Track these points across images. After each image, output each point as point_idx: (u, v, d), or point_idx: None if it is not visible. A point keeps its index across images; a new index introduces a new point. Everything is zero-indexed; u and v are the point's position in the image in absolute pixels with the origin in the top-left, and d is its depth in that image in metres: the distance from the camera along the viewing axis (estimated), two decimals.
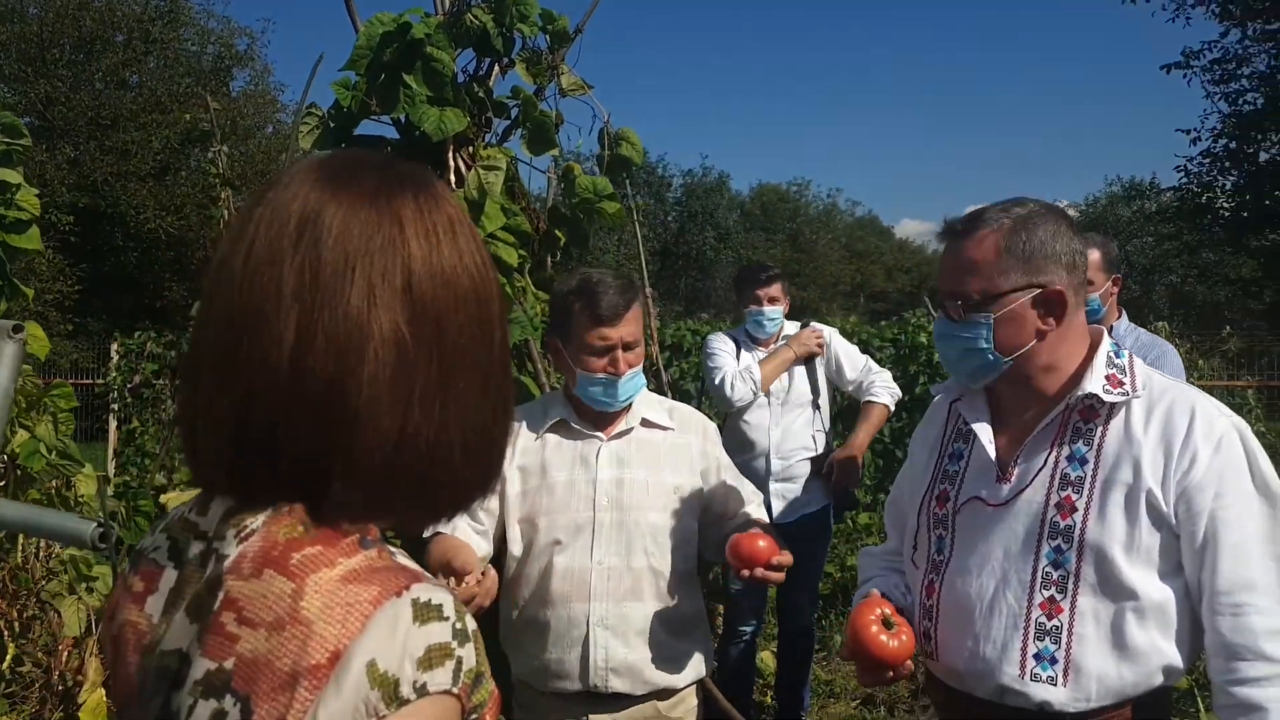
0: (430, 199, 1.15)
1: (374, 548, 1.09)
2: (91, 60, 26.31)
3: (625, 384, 2.88)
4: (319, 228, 1.09)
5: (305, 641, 0.99)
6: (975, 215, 2.14)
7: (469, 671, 1.06)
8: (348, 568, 1.05)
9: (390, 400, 1.07)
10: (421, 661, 1.01)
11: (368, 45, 3.41)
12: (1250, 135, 25.40)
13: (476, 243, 1.18)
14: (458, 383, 1.12)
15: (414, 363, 1.08)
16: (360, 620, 1.00)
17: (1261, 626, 1.93)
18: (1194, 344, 15.19)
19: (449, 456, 1.12)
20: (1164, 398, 2.08)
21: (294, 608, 1.01)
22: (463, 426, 1.12)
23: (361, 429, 1.06)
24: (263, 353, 1.06)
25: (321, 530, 1.08)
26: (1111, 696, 2.02)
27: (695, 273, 46.87)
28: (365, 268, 1.08)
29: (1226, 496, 1.97)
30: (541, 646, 2.86)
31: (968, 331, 2.12)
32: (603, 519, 2.87)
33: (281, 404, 1.06)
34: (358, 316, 1.06)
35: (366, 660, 0.99)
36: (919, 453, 2.45)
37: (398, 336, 1.07)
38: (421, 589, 1.05)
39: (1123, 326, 4.44)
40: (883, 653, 2.18)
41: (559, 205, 3.95)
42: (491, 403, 1.16)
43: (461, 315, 1.13)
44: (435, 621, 1.04)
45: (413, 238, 1.11)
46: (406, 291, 1.09)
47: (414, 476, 1.10)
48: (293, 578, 1.03)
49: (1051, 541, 2.05)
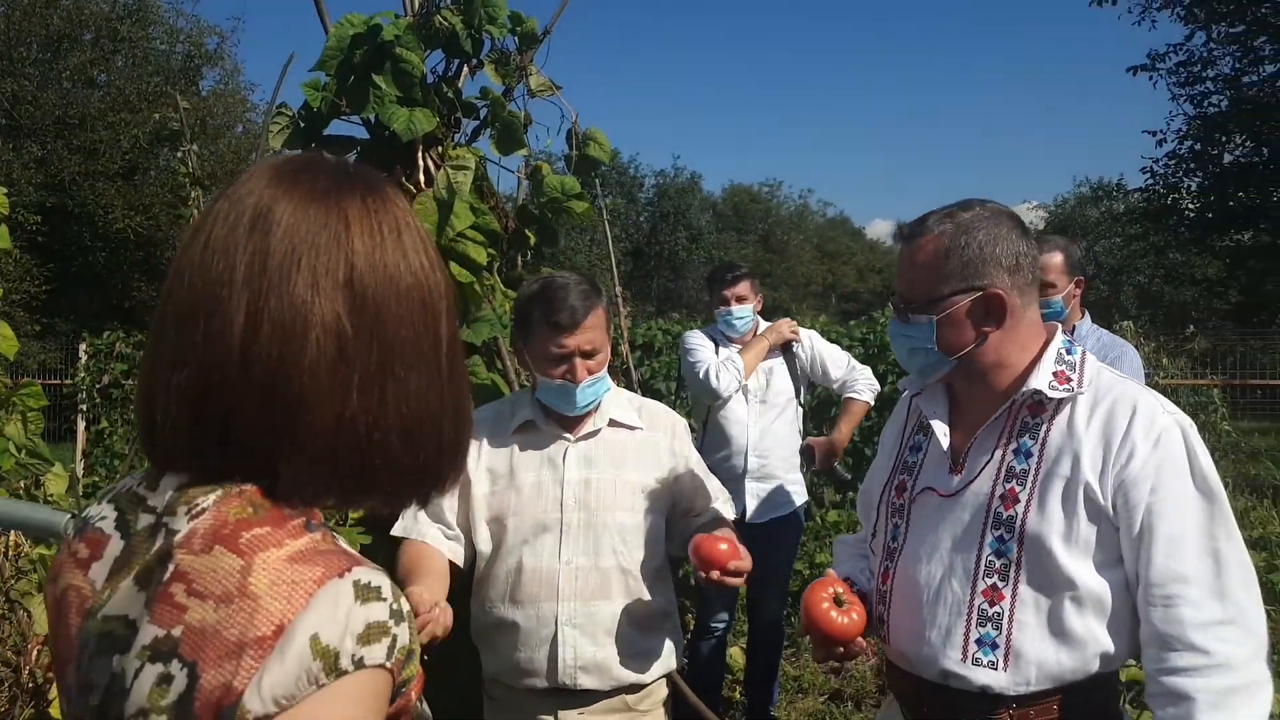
0: (378, 200, 1.23)
1: (318, 531, 1.17)
2: (59, 59, 26.03)
3: (583, 391, 2.90)
4: (270, 221, 1.17)
5: (252, 614, 1.06)
6: (921, 220, 2.21)
7: (402, 649, 1.14)
8: (294, 549, 1.12)
9: (330, 385, 1.15)
10: (361, 637, 1.09)
11: (338, 46, 3.44)
12: (1215, 137, 25.61)
13: (424, 244, 1.26)
14: (398, 371, 1.19)
15: (354, 351, 1.16)
16: (305, 597, 1.08)
17: (1192, 618, 1.98)
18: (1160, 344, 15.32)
19: (387, 441, 1.19)
20: (1108, 394, 2.13)
21: (242, 583, 1.08)
22: (403, 413, 1.20)
23: (304, 411, 1.14)
24: (215, 335, 1.14)
25: (270, 512, 1.16)
26: (1050, 681, 2.08)
27: (667, 273, 46.86)
28: (310, 260, 1.16)
29: (1163, 491, 2.02)
30: (511, 645, 2.89)
31: (914, 332, 2.20)
32: (570, 519, 2.90)
33: (231, 384, 1.14)
34: (301, 305, 1.14)
35: (310, 633, 1.06)
36: (885, 444, 2.53)
37: (339, 325, 1.15)
38: (363, 571, 1.13)
39: (1085, 327, 4.51)
40: (831, 628, 2.26)
41: (528, 204, 3.98)
42: (437, 393, 1.24)
43: (402, 308, 1.20)
44: (375, 601, 1.12)
45: (357, 234, 1.19)
46: (348, 284, 1.17)
47: (353, 459, 1.18)
48: (242, 555, 1.10)
49: (995, 531, 2.11)
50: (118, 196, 24.44)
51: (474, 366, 3.57)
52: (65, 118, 25.00)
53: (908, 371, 2.34)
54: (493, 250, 3.64)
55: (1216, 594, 1.99)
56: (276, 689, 1.05)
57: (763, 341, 5.26)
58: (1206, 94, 26.03)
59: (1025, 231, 2.21)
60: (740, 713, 5.75)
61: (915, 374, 2.30)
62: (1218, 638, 1.97)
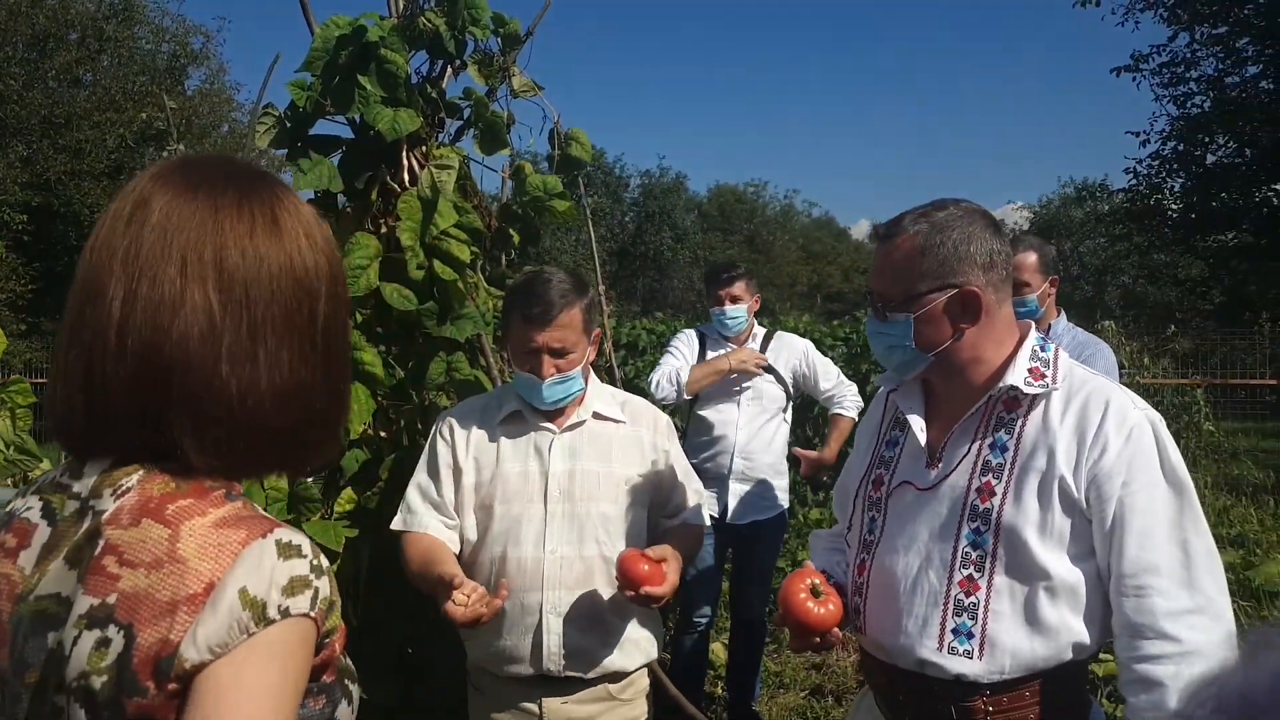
0: (255, 194, 1.34)
1: (239, 500, 1.28)
2: (45, 58, 25.92)
3: (550, 388, 2.94)
4: (147, 213, 1.29)
5: (183, 576, 1.17)
6: (896, 220, 2.25)
7: (324, 600, 1.26)
8: (218, 515, 1.24)
9: (201, 354, 1.25)
10: (285, 589, 1.21)
11: (323, 47, 3.46)
12: (1198, 138, 25.60)
13: (308, 233, 1.37)
14: (269, 343, 1.30)
15: (222, 325, 1.27)
16: (231, 556, 1.19)
17: (1162, 608, 2.02)
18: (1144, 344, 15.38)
19: (260, 405, 1.29)
20: (1082, 390, 2.17)
21: (171, 549, 1.19)
22: (275, 381, 1.30)
23: (176, 379, 1.25)
24: (95, 319, 1.26)
25: (192, 486, 1.26)
26: (1024, 669, 2.12)
27: (653, 273, 46.84)
28: (180, 245, 1.27)
29: (1134, 484, 2.06)
30: (496, 633, 2.92)
31: (892, 330, 2.24)
32: (555, 510, 2.94)
33: (109, 362, 1.25)
34: (171, 285, 1.25)
35: (239, 587, 1.18)
36: (861, 440, 2.57)
37: (207, 303, 1.26)
38: (283, 532, 1.26)
39: (1060, 325, 4.56)
40: (808, 618, 2.30)
41: (511, 204, 4.02)
42: (310, 365, 1.35)
43: (273, 287, 1.31)
44: (296, 558, 1.24)
45: (227, 222, 1.30)
46: (217, 265, 1.27)
47: (231, 424, 1.28)
48: (169, 525, 1.21)
49: (971, 524, 2.15)
50: (103, 196, 24.33)
51: (457, 363, 3.61)
52: (51, 117, 24.91)
53: (886, 367, 2.38)
54: (476, 248, 3.67)
55: (1185, 584, 2.03)
56: (211, 638, 1.15)
57: (723, 364, 5.27)
58: (1190, 95, 26.07)
59: (998, 230, 2.25)
60: (722, 707, 5.78)
61: (893, 370, 2.34)
62: (1188, 626, 2.01)
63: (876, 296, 2.28)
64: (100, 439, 1.29)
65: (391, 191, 3.63)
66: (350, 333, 1.48)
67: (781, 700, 5.94)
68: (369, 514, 3.38)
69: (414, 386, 3.58)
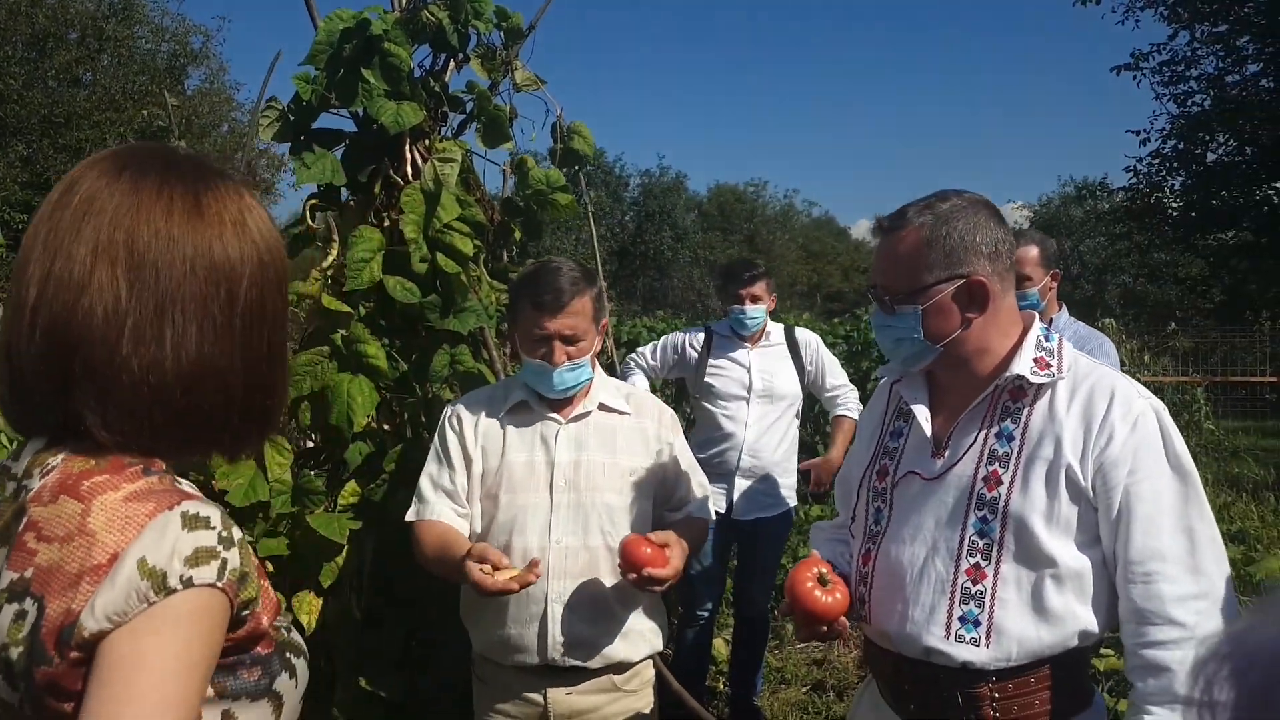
0: (180, 178, 1.36)
1: (155, 475, 1.31)
2: (44, 57, 25.95)
3: (560, 374, 2.95)
4: (72, 194, 1.32)
5: (90, 548, 1.21)
6: (900, 212, 2.25)
7: (233, 571, 1.27)
8: (130, 490, 1.26)
9: (103, 333, 1.27)
10: (189, 559, 1.22)
11: (327, 41, 3.47)
12: (1198, 136, 25.60)
13: (234, 223, 1.39)
14: (177, 324, 1.31)
15: (128, 304, 1.28)
16: (137, 528, 1.22)
17: (1170, 593, 2.03)
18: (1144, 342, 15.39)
19: (164, 384, 1.30)
20: (1087, 379, 2.18)
21: (82, 523, 1.23)
22: (181, 362, 1.31)
23: (80, 354, 1.27)
24: (18, 296, 1.30)
25: (110, 463, 1.29)
26: (1030, 657, 2.12)
27: (653, 272, 46.82)
28: (95, 225, 1.29)
29: (1140, 472, 2.07)
30: (501, 622, 2.93)
31: (899, 322, 2.24)
32: (560, 500, 2.95)
33: (25, 339, 1.29)
34: (80, 265, 1.28)
35: (138, 557, 1.20)
36: (864, 431, 2.57)
37: (113, 283, 1.28)
38: (192, 504, 1.27)
39: (1062, 320, 4.56)
40: (816, 607, 2.30)
41: (513, 198, 4.02)
42: (226, 350, 1.36)
43: (184, 270, 1.32)
44: (203, 529, 1.25)
45: (144, 203, 1.32)
46: (128, 245, 1.29)
47: (135, 401, 1.30)
48: (82, 500, 1.25)
49: (978, 512, 2.16)
50: None
51: (461, 355, 3.61)
52: (51, 116, 24.93)
53: (893, 361, 2.38)
54: (479, 242, 3.68)
55: (1191, 569, 2.05)
56: (109, 607, 1.17)
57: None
58: (1190, 93, 26.07)
59: (1002, 219, 2.26)
60: (723, 702, 5.78)
61: (901, 363, 2.34)
62: (1194, 611, 2.03)
63: (882, 290, 2.28)
64: (25, 417, 1.35)
65: (395, 185, 3.64)
66: (284, 322, 1.48)
67: (783, 695, 5.93)
68: (373, 507, 3.38)
69: (417, 379, 3.59)
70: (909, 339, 2.24)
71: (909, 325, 2.23)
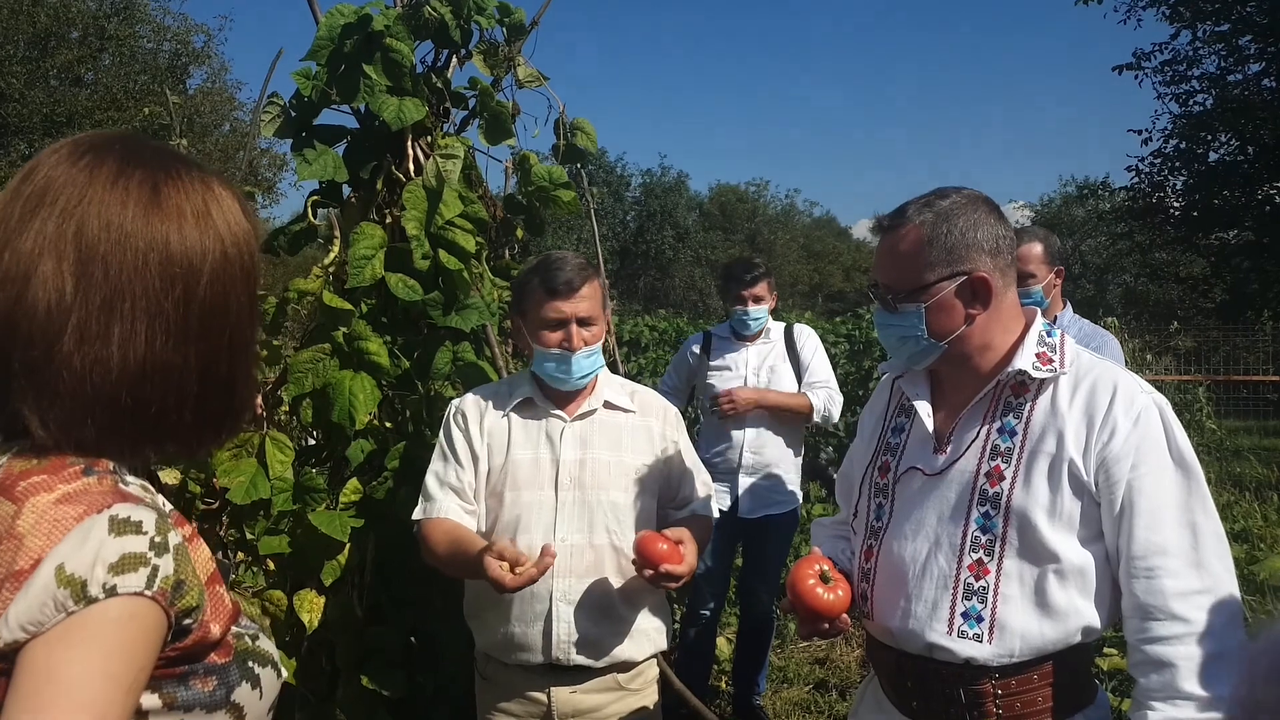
0: (139, 166, 1.31)
1: (95, 475, 1.25)
2: (46, 57, 25.98)
3: (580, 360, 2.94)
4: (28, 182, 1.28)
5: (16, 552, 1.15)
6: (900, 210, 2.25)
7: (165, 579, 1.20)
8: (64, 491, 1.21)
9: (46, 325, 1.22)
10: (114, 567, 1.16)
11: (329, 36, 3.46)
12: (1200, 136, 25.60)
13: (196, 215, 1.33)
14: (125, 320, 1.25)
15: (71, 300, 1.23)
16: (62, 532, 1.16)
17: (1172, 588, 2.03)
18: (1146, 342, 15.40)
19: (106, 385, 1.25)
20: (1089, 374, 2.18)
21: (12, 525, 1.17)
22: (129, 360, 1.25)
23: (20, 348, 1.23)
24: None
25: (51, 462, 1.24)
26: (1033, 652, 2.12)
27: (654, 271, 46.91)
28: (44, 215, 1.25)
29: (1143, 467, 2.07)
30: (505, 620, 2.91)
31: (903, 321, 2.24)
32: (565, 498, 2.94)
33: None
34: (26, 258, 1.23)
35: (56, 564, 1.14)
36: (865, 427, 2.57)
37: (57, 277, 1.23)
38: (124, 508, 1.21)
39: (1066, 317, 4.55)
40: (818, 604, 2.30)
41: (515, 194, 4.01)
42: (179, 348, 1.30)
43: (135, 263, 1.26)
44: (132, 535, 1.19)
45: (98, 192, 1.27)
46: (77, 238, 1.24)
47: (78, 398, 1.24)
48: (16, 501, 1.20)
49: (981, 508, 2.16)
50: None
51: (463, 353, 3.60)
52: (52, 115, 24.95)
53: (896, 359, 2.38)
54: (481, 239, 3.67)
55: (1194, 564, 2.04)
56: (23, 616, 1.12)
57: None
58: (1192, 93, 26.08)
59: (1002, 215, 2.26)
60: (726, 701, 5.78)
61: (904, 361, 2.33)
62: (1197, 606, 2.02)
63: (884, 288, 2.27)
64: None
65: (397, 181, 3.63)
66: (251, 318, 1.42)
67: (785, 695, 5.93)
68: (375, 504, 3.37)
69: (419, 377, 3.58)
70: (912, 337, 2.24)
71: (912, 323, 2.22)
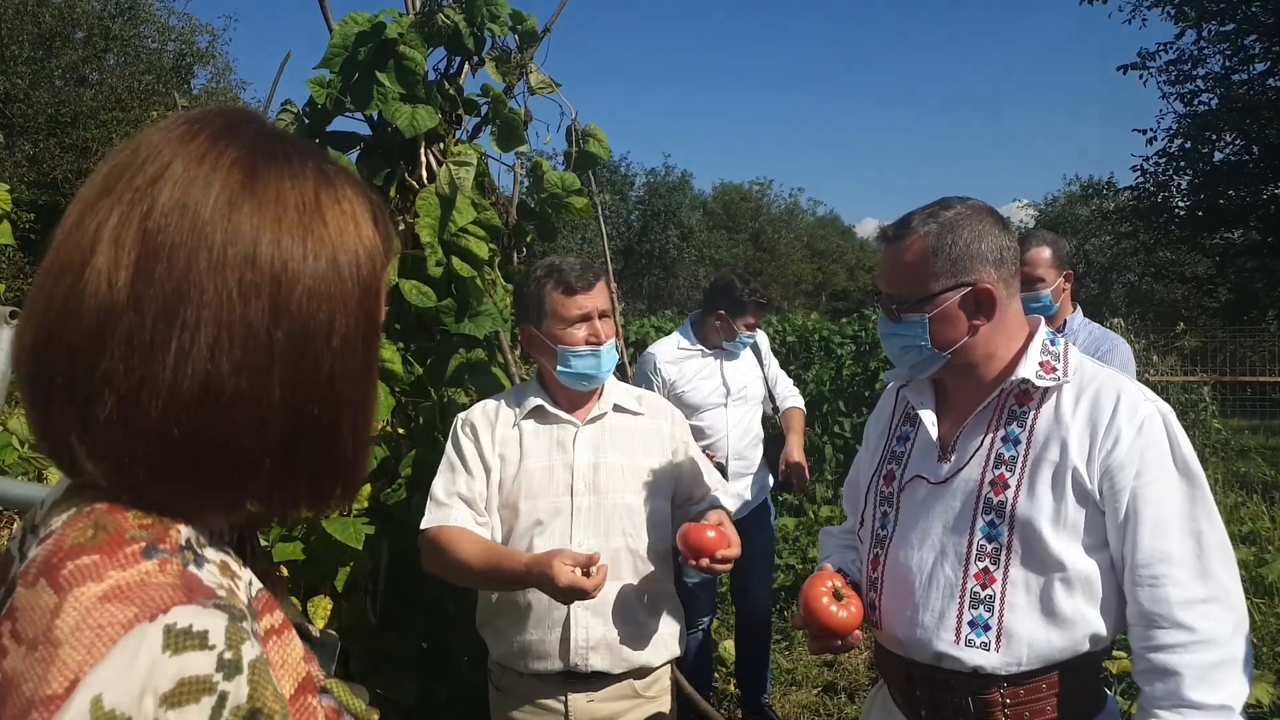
0: (237, 145, 1.06)
1: (158, 558, 0.97)
2: (51, 57, 26.04)
3: (607, 354, 2.97)
4: (123, 151, 1.06)
5: (49, 665, 0.87)
6: (904, 221, 2.26)
7: (237, 710, 0.92)
8: (115, 582, 0.92)
9: (89, 333, 0.98)
10: (168, 698, 0.88)
11: (342, 44, 3.48)
12: (1205, 135, 25.62)
13: (298, 212, 1.06)
14: (187, 332, 0.98)
15: (125, 298, 0.98)
16: (106, 645, 0.88)
17: (1177, 597, 2.04)
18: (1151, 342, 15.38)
19: (150, 406, 0.98)
20: (1092, 383, 2.19)
21: (49, 626, 0.89)
22: (179, 380, 0.99)
23: (60, 361, 1.00)
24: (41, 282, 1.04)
25: (109, 536, 0.97)
26: (1041, 661, 2.13)
27: (658, 271, 46.95)
28: (121, 191, 1.01)
29: (1147, 475, 2.08)
30: (521, 628, 2.92)
31: (906, 330, 2.26)
32: (580, 503, 2.94)
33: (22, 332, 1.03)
34: (88, 240, 1.00)
35: (93, 695, 0.86)
36: (871, 436, 2.59)
37: (111, 267, 0.99)
38: (185, 612, 0.91)
39: (1076, 321, 4.56)
40: (832, 622, 2.32)
41: (527, 200, 4.02)
42: (261, 375, 1.02)
43: (206, 260, 1.00)
44: (193, 651, 0.90)
45: (179, 169, 1.02)
46: (142, 222, 1.00)
47: (113, 425, 0.99)
48: (58, 590, 0.91)
49: (986, 516, 2.17)
50: None
51: (476, 359, 3.62)
52: (57, 116, 25.00)
53: (900, 368, 2.38)
54: (494, 245, 3.69)
55: (1199, 573, 2.05)
56: None
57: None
58: (1197, 92, 26.11)
59: (1006, 226, 2.27)
60: (734, 704, 5.80)
61: (908, 370, 2.35)
62: (1202, 615, 2.03)
63: (888, 298, 2.29)
64: (40, 441, 1.04)
65: (410, 188, 3.65)
66: (366, 356, 1.13)
67: (794, 698, 5.95)
68: (387, 510, 3.39)
69: (433, 383, 3.59)
70: (916, 346, 2.25)
71: (916, 333, 2.24)
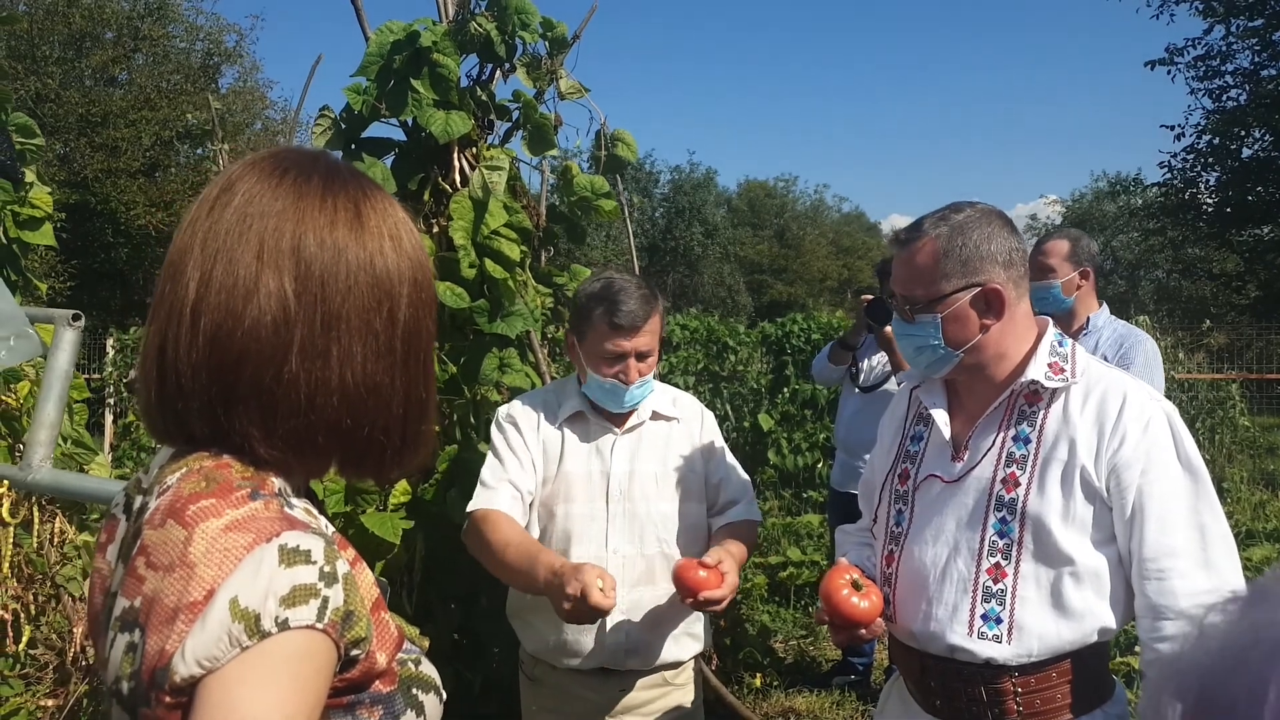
0: (341, 187, 1.31)
1: (262, 500, 1.21)
2: (81, 57, 26.16)
3: (631, 392, 2.98)
4: (231, 195, 1.26)
5: (187, 581, 1.12)
6: (916, 225, 2.35)
7: (336, 611, 1.16)
8: (233, 518, 1.17)
9: (273, 344, 1.22)
10: (285, 599, 1.12)
11: (379, 52, 3.57)
12: (1233, 131, 25.45)
13: (392, 237, 1.33)
14: (343, 340, 1.26)
15: (296, 314, 1.23)
16: (234, 563, 1.13)
17: (1183, 589, 2.12)
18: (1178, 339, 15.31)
19: (329, 404, 1.25)
20: (1100, 383, 2.27)
21: (184, 552, 1.14)
22: (346, 380, 1.26)
23: (246, 366, 1.22)
24: (175, 299, 1.24)
25: (220, 485, 1.21)
26: (1051, 652, 2.21)
27: (683, 268, 46.90)
28: (259, 231, 1.24)
29: (1152, 472, 2.16)
30: (557, 626, 2.94)
31: (920, 331, 2.34)
32: (616, 510, 2.99)
33: (184, 343, 1.23)
34: (246, 270, 1.22)
35: (230, 596, 1.10)
36: (885, 435, 2.66)
37: (281, 290, 1.23)
38: (292, 536, 1.17)
39: (1102, 318, 4.57)
40: (852, 612, 2.38)
41: (556, 204, 4.10)
42: (387, 370, 1.30)
43: (349, 282, 1.26)
44: (302, 565, 1.15)
45: (308, 210, 1.26)
46: (294, 253, 1.24)
47: (296, 418, 1.25)
48: (186, 526, 1.16)
49: (997, 513, 2.25)
50: (139, 193, 24.59)
51: (509, 358, 3.70)
52: (87, 115, 25.13)
53: (914, 367, 2.47)
54: (525, 247, 3.76)
55: (1204, 565, 2.13)
56: (199, 651, 1.09)
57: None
58: (1225, 88, 25.94)
59: (1014, 229, 2.35)
60: (758, 697, 5.85)
61: (922, 369, 2.43)
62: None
63: (902, 300, 2.37)
64: (168, 425, 1.28)
65: (443, 192, 3.73)
66: (433, 342, 1.41)
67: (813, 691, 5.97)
68: (424, 506, 3.47)
69: (466, 382, 3.67)
70: (929, 346, 2.33)
71: (929, 333, 2.31)
